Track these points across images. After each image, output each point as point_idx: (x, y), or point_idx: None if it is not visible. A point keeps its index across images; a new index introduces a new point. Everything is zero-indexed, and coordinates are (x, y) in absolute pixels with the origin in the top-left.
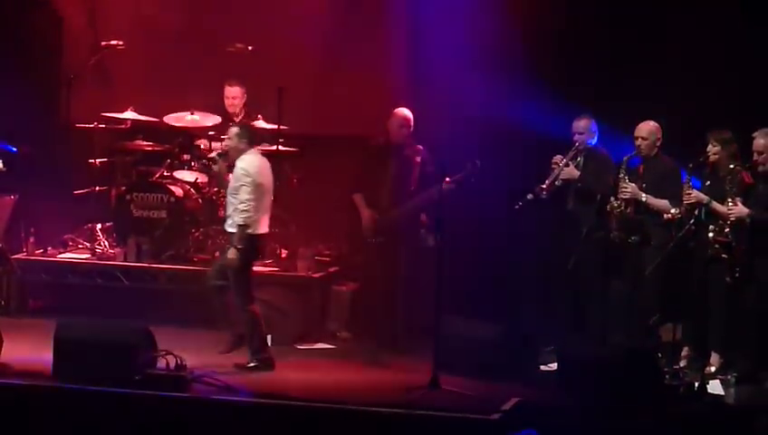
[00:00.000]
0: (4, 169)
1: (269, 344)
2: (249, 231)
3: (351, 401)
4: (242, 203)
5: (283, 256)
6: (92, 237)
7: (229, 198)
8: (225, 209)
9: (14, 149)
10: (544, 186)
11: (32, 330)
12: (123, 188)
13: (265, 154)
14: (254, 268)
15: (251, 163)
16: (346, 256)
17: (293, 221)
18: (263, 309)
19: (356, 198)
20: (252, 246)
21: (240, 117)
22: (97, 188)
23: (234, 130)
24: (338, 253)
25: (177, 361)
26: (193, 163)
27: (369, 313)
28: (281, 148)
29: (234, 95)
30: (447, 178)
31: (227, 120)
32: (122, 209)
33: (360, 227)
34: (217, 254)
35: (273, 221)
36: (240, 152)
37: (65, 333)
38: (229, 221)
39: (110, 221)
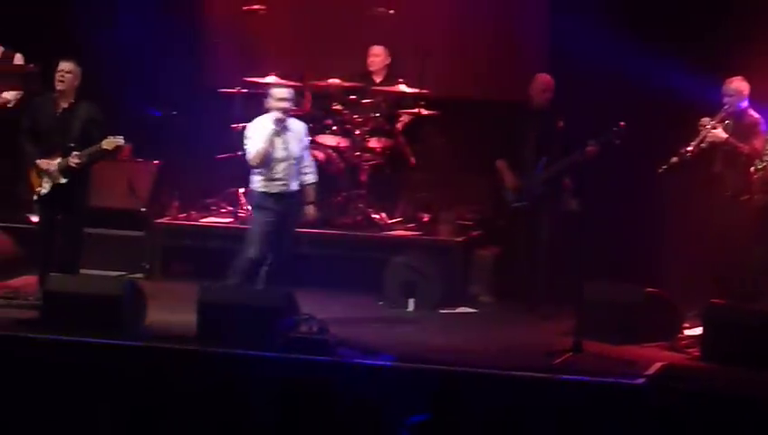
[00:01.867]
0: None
1: (411, 308)
2: None
3: (494, 366)
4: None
5: (426, 220)
6: (235, 202)
7: (289, 161)
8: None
9: (159, 113)
10: (690, 148)
11: (175, 294)
12: None
13: (408, 118)
14: (398, 232)
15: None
16: (489, 220)
17: (436, 185)
18: (406, 273)
19: (499, 164)
20: None
21: (381, 77)
22: (239, 153)
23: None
24: (480, 217)
25: (319, 325)
26: (335, 127)
27: (511, 277)
28: (422, 112)
29: (376, 53)
30: (591, 142)
31: (369, 83)
32: None
33: (503, 191)
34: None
35: (416, 185)
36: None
37: (209, 297)
38: (294, 182)
39: None
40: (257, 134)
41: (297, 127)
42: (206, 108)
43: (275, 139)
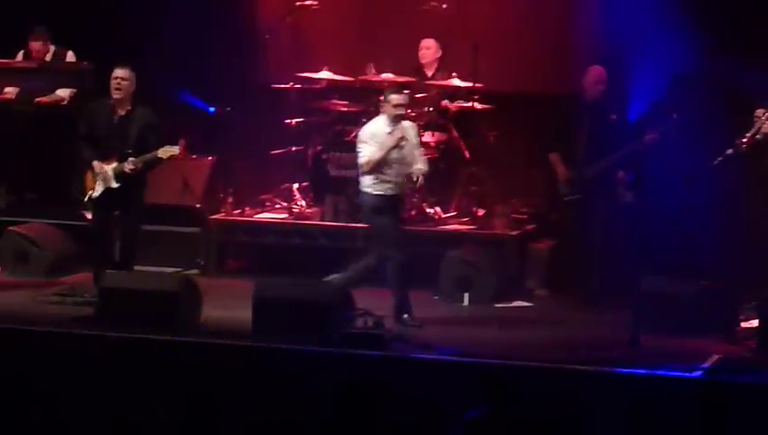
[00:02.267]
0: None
1: (466, 303)
2: None
3: (550, 360)
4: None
5: (480, 214)
6: (289, 197)
7: (402, 164)
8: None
9: (212, 109)
10: (745, 139)
11: (230, 290)
12: (319, 147)
13: (461, 112)
14: (453, 226)
15: None
16: (543, 213)
17: (490, 179)
18: (461, 267)
19: (552, 157)
20: None
21: (432, 70)
22: (293, 149)
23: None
24: (535, 211)
25: (375, 320)
26: None
27: (567, 270)
28: (476, 105)
29: (428, 45)
30: (650, 131)
31: (421, 76)
32: (319, 169)
33: (557, 184)
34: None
35: (470, 179)
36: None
37: (264, 293)
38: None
39: (307, 181)
40: (373, 140)
41: (409, 129)
42: (259, 104)
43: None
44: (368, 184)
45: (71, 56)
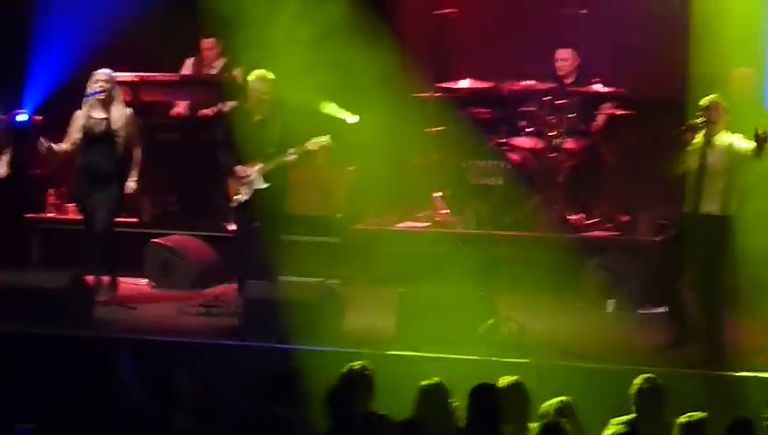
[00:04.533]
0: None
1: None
2: None
3: (694, 365)
4: None
5: (624, 220)
6: (431, 206)
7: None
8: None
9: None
10: None
11: (372, 299)
12: (460, 156)
13: (604, 118)
14: (596, 233)
15: None
16: None
17: (633, 185)
18: (605, 273)
19: None
20: None
21: (572, 79)
22: (434, 157)
23: None
24: (679, 216)
25: (518, 325)
26: (529, 129)
27: None
28: (618, 111)
29: (564, 57)
30: None
31: (561, 84)
32: (459, 177)
33: None
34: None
35: (614, 185)
36: None
37: (408, 302)
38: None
39: (448, 189)
40: None
41: None
42: (400, 112)
43: None
44: None
45: (238, 73)
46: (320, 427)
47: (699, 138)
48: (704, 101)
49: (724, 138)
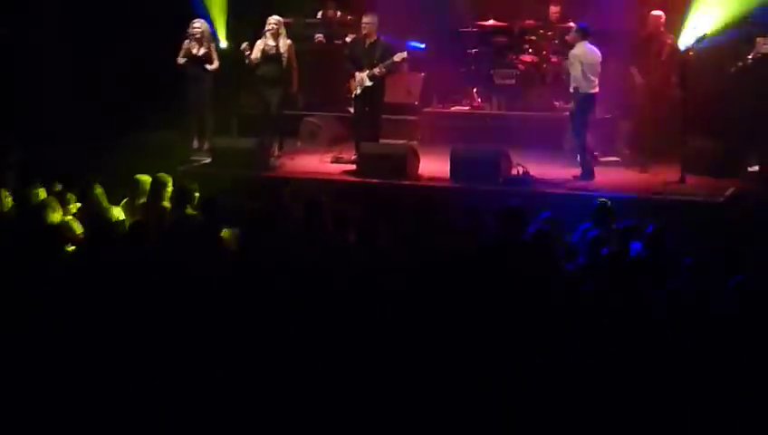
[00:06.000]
0: (403, 60)
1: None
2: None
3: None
4: None
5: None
6: (471, 97)
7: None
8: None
9: (423, 46)
10: (750, 56)
11: (438, 154)
12: (488, 66)
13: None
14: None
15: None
16: None
17: None
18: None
19: None
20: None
21: (557, 21)
22: (473, 68)
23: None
24: None
25: (525, 169)
26: (530, 50)
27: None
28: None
29: (554, 10)
30: None
31: (551, 24)
32: (487, 78)
33: None
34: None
35: None
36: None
37: (457, 154)
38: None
39: (480, 86)
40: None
41: None
42: (450, 42)
43: None
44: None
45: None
46: None
47: None
48: None
49: None
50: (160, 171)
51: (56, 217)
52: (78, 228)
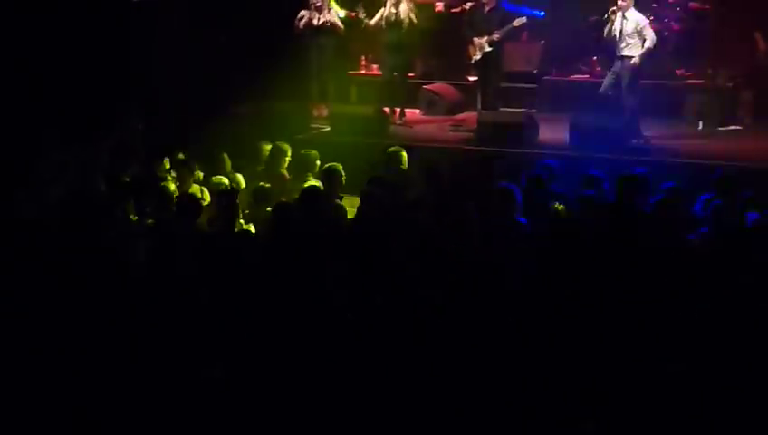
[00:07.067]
0: (521, 24)
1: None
2: None
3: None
4: None
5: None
6: (590, 64)
7: None
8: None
9: (542, 13)
10: None
11: (557, 122)
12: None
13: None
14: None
15: None
16: None
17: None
18: None
19: None
20: None
21: None
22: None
23: None
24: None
25: (644, 139)
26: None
27: None
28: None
29: None
30: None
31: None
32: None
33: None
34: None
35: None
36: None
37: (577, 122)
38: None
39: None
40: None
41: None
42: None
43: None
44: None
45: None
46: None
47: None
48: None
49: None
50: (278, 140)
51: (185, 186)
52: (207, 196)
